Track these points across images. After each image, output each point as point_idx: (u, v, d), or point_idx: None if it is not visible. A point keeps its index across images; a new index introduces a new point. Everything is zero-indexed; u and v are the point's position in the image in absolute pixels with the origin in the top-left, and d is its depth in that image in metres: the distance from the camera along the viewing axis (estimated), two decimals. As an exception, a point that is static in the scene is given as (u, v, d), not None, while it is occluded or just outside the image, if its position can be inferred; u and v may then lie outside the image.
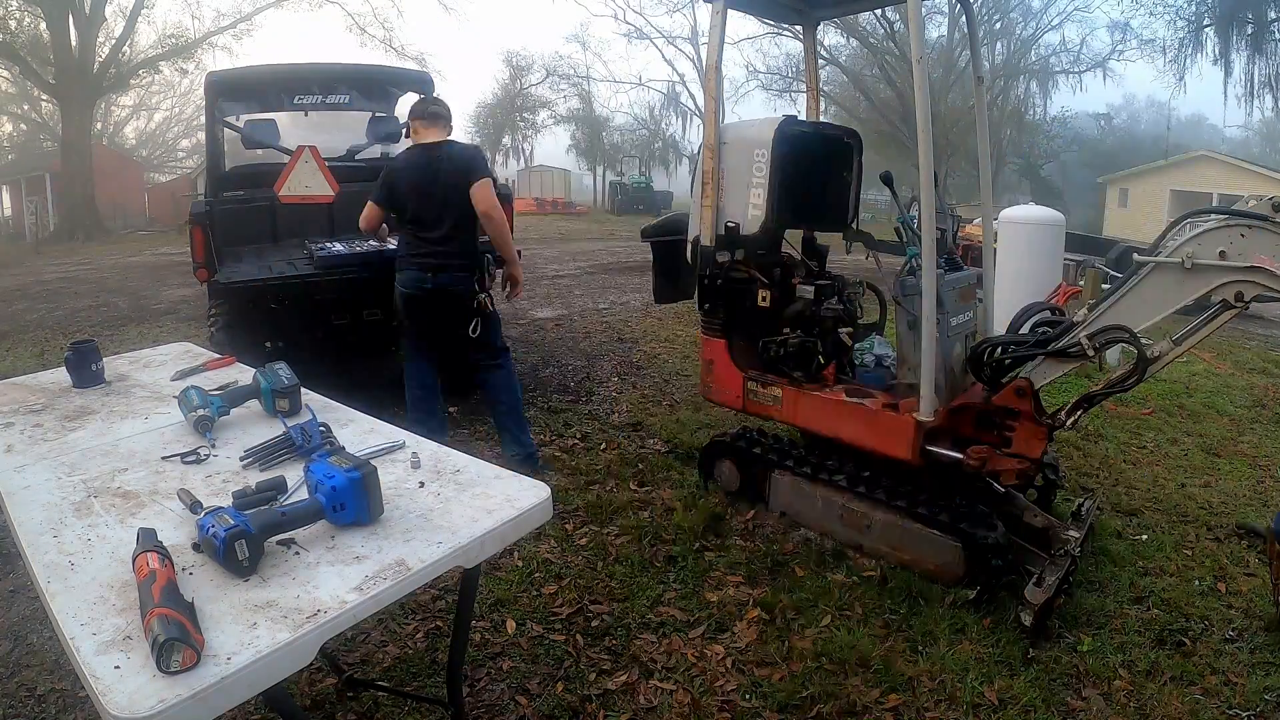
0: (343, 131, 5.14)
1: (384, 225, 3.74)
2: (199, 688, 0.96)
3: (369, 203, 3.57)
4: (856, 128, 3.69)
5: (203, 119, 5.10)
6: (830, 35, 27.48)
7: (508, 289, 3.75)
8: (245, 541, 1.18)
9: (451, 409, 4.68)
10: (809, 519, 3.13)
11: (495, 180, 3.55)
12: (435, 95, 3.71)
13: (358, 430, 1.83)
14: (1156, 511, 3.46)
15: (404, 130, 3.66)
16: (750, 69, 35.50)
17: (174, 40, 23.89)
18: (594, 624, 2.54)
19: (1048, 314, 2.80)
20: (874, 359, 3.23)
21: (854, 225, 3.50)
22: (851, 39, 27.81)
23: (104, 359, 2.21)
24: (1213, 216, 2.34)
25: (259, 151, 4.81)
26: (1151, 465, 4.06)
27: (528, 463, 3.56)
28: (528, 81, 39.61)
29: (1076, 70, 29.33)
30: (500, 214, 3.43)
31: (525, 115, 40.44)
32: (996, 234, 6.58)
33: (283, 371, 1.90)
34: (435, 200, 3.40)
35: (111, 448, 1.70)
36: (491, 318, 3.63)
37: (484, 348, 3.63)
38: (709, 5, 3.16)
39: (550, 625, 2.53)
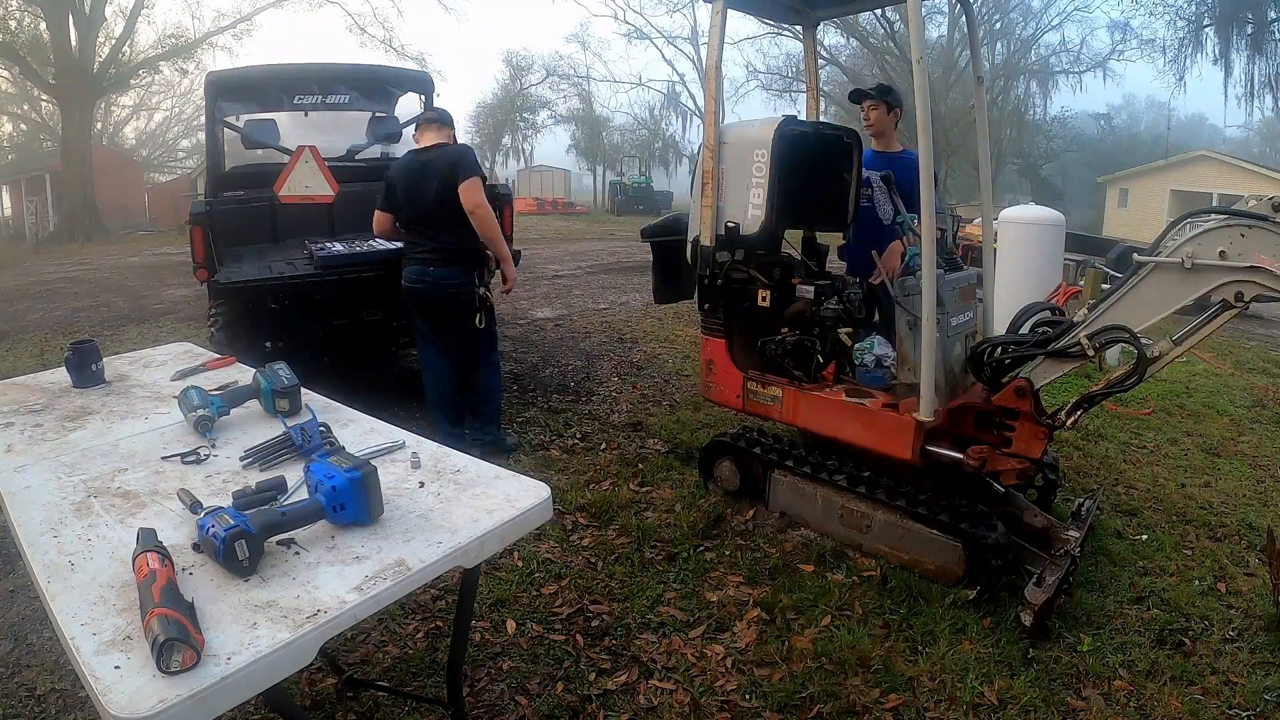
0: (343, 131, 5.15)
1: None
2: (199, 688, 0.96)
3: (376, 209, 3.72)
4: (856, 128, 3.68)
5: (203, 119, 5.10)
6: (830, 35, 27.53)
7: (503, 285, 3.86)
8: (245, 541, 1.19)
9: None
10: (809, 519, 3.13)
11: (485, 179, 3.61)
12: (435, 105, 3.92)
13: (358, 430, 1.83)
14: (1156, 511, 3.46)
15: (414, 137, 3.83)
16: (750, 69, 35.58)
17: (174, 40, 23.92)
18: (594, 624, 2.54)
19: (1048, 314, 2.80)
20: (874, 359, 3.23)
21: (854, 225, 3.50)
22: (851, 39, 27.83)
23: (104, 359, 2.21)
24: (1213, 216, 2.34)
25: (259, 151, 4.81)
26: (1151, 465, 4.06)
27: (491, 448, 3.73)
28: (528, 81, 39.68)
29: (1076, 70, 29.37)
30: (486, 211, 3.48)
31: (525, 115, 40.47)
32: (996, 234, 6.58)
33: (283, 371, 1.90)
34: (428, 200, 3.52)
35: (111, 448, 1.70)
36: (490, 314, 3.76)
37: (485, 344, 3.75)
38: (709, 5, 3.15)
39: (550, 625, 2.53)
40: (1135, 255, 2.43)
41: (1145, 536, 3.21)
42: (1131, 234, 20.02)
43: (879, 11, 20.84)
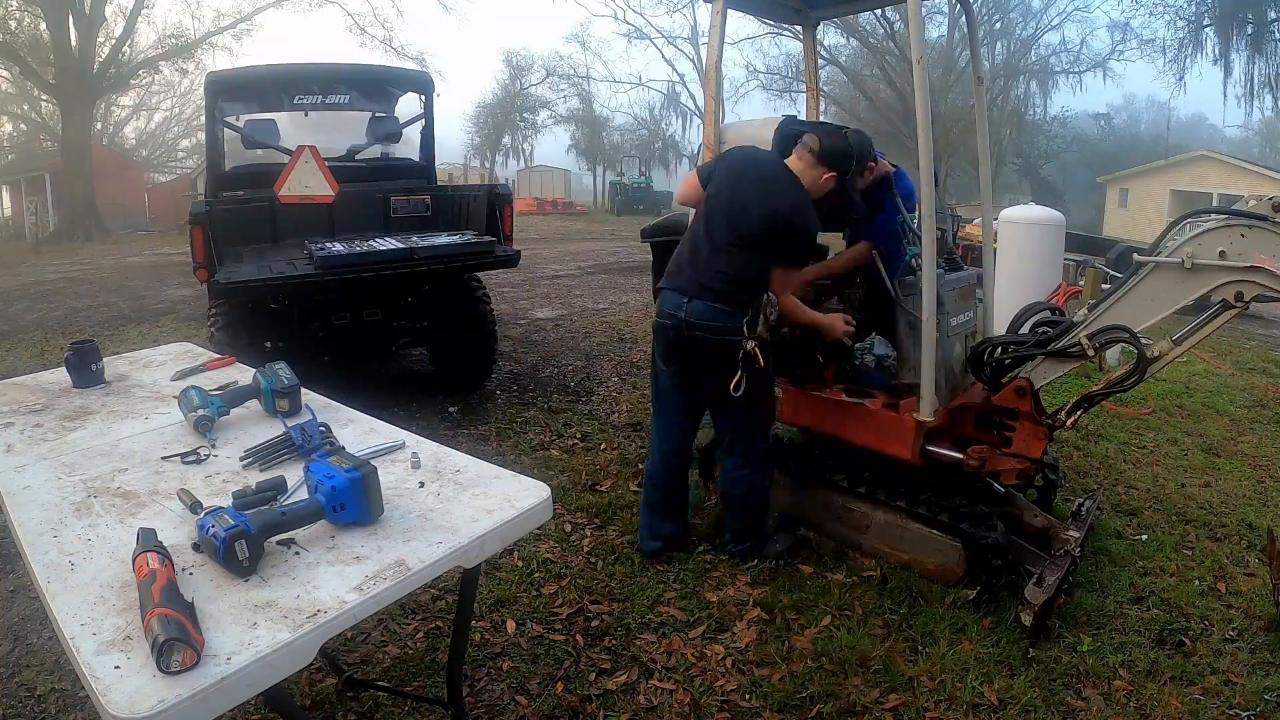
0: (343, 131, 5.15)
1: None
2: (199, 688, 0.96)
3: (694, 174, 2.85)
4: (856, 128, 3.68)
5: (203, 119, 5.10)
6: (830, 35, 27.55)
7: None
8: (245, 541, 1.19)
9: (451, 409, 4.69)
10: (809, 519, 3.13)
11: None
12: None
13: (358, 430, 1.83)
14: (1156, 511, 3.46)
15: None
16: (750, 69, 35.53)
17: (174, 40, 23.91)
18: (594, 624, 2.54)
19: (1048, 314, 2.80)
20: (874, 359, 3.23)
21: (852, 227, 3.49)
22: (851, 39, 27.86)
23: (104, 359, 2.21)
24: (1213, 216, 2.35)
25: (259, 151, 4.82)
26: (1151, 465, 4.06)
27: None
28: (528, 81, 39.66)
29: (1076, 70, 29.41)
30: (793, 304, 2.72)
31: (525, 115, 40.44)
32: (996, 234, 6.58)
33: (283, 371, 1.90)
34: (737, 216, 2.63)
35: (111, 448, 1.70)
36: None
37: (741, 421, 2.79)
38: (709, 5, 3.15)
39: (550, 625, 2.53)
40: (1135, 255, 2.43)
41: (1145, 536, 3.21)
42: (1131, 234, 20.03)
43: (879, 11, 20.86)
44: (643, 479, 3.03)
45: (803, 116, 3.69)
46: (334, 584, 1.19)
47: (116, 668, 0.99)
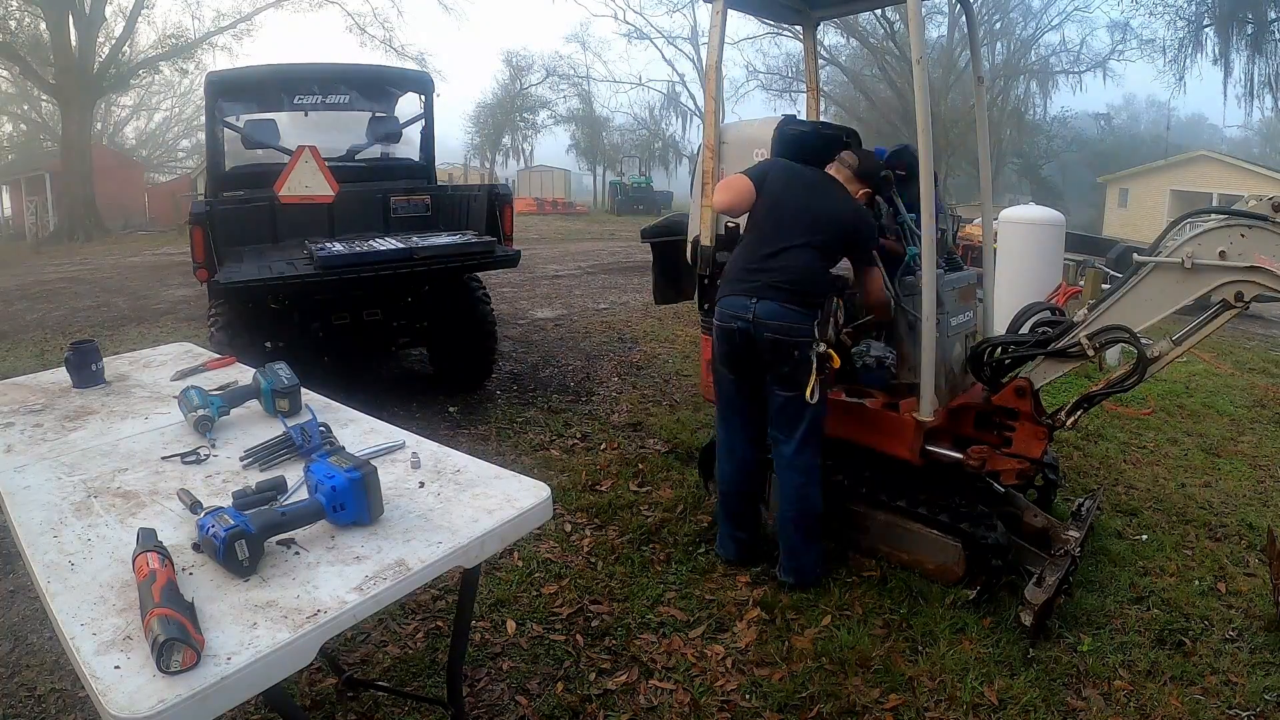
0: (343, 131, 5.15)
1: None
2: (199, 688, 0.96)
3: (737, 176, 2.82)
4: (856, 128, 3.68)
5: (203, 119, 5.11)
6: (830, 35, 27.56)
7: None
8: (245, 541, 1.18)
9: (451, 409, 4.69)
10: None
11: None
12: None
13: (358, 430, 1.83)
14: (1156, 511, 3.46)
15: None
16: (750, 69, 35.56)
17: (174, 40, 23.84)
18: (594, 624, 2.54)
19: (1048, 314, 2.80)
20: (874, 359, 3.23)
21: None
22: (851, 39, 27.86)
23: (104, 359, 2.21)
24: (1213, 216, 2.35)
25: (259, 151, 4.82)
26: (1151, 465, 4.06)
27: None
28: (528, 81, 39.66)
29: (1076, 70, 29.35)
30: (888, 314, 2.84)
31: (525, 115, 40.44)
32: (996, 234, 6.59)
33: (283, 371, 1.90)
34: (805, 214, 2.70)
35: (111, 448, 1.70)
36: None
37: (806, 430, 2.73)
38: (709, 5, 3.15)
39: (550, 625, 2.53)
40: (1135, 255, 2.43)
41: (1145, 536, 3.21)
42: (1131, 234, 20.03)
43: (879, 11, 20.86)
44: (715, 487, 2.92)
45: (803, 116, 3.69)
46: (334, 584, 1.19)
47: (116, 668, 0.99)
